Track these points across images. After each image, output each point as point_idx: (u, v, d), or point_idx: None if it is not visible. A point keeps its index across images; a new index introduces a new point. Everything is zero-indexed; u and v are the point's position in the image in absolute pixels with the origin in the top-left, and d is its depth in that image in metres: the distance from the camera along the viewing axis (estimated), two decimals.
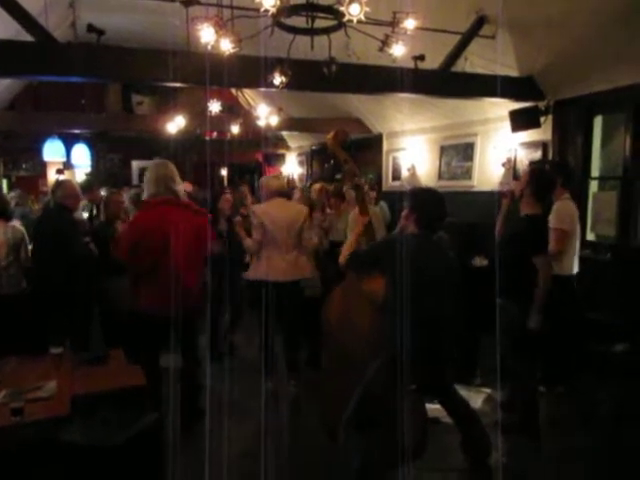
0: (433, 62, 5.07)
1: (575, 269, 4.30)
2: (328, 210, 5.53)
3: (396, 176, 8.26)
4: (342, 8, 2.93)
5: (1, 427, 2.51)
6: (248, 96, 10.51)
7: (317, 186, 5.73)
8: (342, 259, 2.97)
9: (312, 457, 3.37)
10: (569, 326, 4.31)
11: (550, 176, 3.89)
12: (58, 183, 4.66)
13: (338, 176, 8.21)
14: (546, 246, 3.64)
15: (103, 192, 5.83)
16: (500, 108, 5.88)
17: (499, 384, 3.56)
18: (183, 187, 3.79)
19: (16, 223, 4.50)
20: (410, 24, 3.32)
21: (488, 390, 4.28)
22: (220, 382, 3.95)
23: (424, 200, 2.93)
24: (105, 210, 4.71)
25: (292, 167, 11.88)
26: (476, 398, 4.12)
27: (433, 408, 3.38)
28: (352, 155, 3.52)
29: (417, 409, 2.79)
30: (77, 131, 8.82)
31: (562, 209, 4.17)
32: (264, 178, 4.73)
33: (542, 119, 5.50)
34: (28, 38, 4.03)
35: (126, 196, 5.13)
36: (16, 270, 4.31)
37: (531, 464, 3.34)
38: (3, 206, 4.41)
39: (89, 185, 6.06)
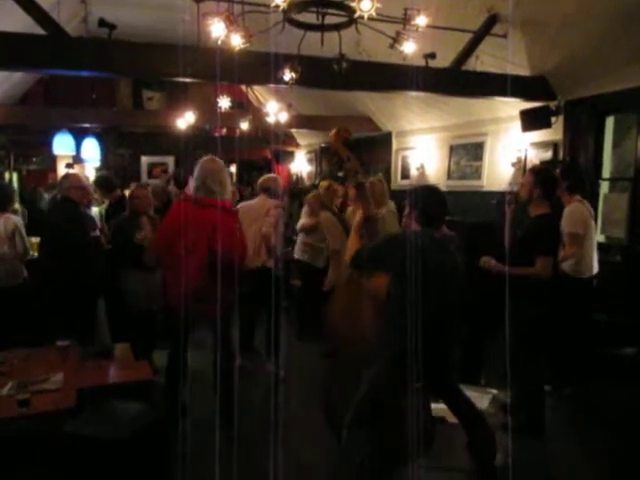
0: (444, 60, 5.04)
1: (592, 271, 4.30)
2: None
3: (405, 175, 8.24)
4: (353, 4, 2.91)
5: (8, 418, 2.53)
6: (258, 93, 10.51)
7: (324, 184, 5.72)
8: (347, 257, 2.97)
9: (315, 454, 3.37)
10: (579, 327, 4.29)
11: (553, 176, 3.89)
12: (64, 176, 4.67)
13: (340, 174, 8.19)
14: (555, 246, 3.62)
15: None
16: (511, 107, 5.84)
17: (508, 385, 3.54)
18: (231, 187, 3.78)
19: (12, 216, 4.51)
20: (421, 21, 3.30)
21: (494, 391, 4.26)
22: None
23: (424, 198, 2.89)
24: (130, 204, 4.58)
25: (301, 165, 11.86)
26: (482, 398, 4.09)
27: (439, 408, 3.37)
28: (360, 153, 3.51)
29: (422, 406, 2.77)
30: (87, 125, 8.85)
31: (574, 212, 4.15)
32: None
33: (553, 119, 5.46)
34: (41, 32, 4.04)
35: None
36: (12, 262, 4.32)
37: (537, 465, 3.32)
38: (2, 198, 4.44)
39: (111, 185, 5.62)
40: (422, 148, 7.82)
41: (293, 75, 3.86)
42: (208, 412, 3.45)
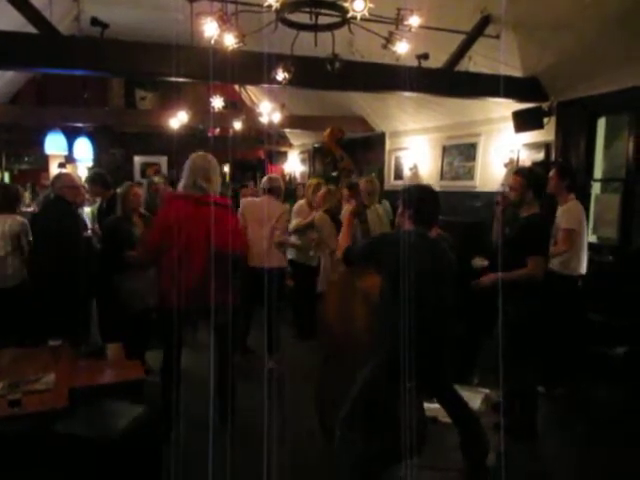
0: (437, 61, 5.06)
1: (582, 270, 4.32)
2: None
3: (398, 175, 8.25)
4: (346, 4, 2.91)
5: None
6: (251, 93, 10.50)
7: (313, 182, 5.72)
8: (339, 253, 2.97)
9: (308, 453, 3.37)
10: (571, 327, 4.31)
11: (544, 176, 3.92)
12: (57, 175, 4.65)
13: (334, 173, 8.20)
14: (546, 246, 3.63)
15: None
16: (503, 108, 5.87)
17: (500, 385, 3.55)
18: (217, 182, 3.70)
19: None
20: (414, 21, 3.31)
21: (486, 390, 4.27)
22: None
23: (418, 197, 2.89)
24: (122, 204, 4.45)
25: (294, 165, 11.86)
26: (474, 398, 4.11)
27: (432, 408, 3.38)
28: (353, 153, 3.52)
29: (415, 406, 2.78)
30: (79, 125, 8.82)
31: (572, 209, 4.19)
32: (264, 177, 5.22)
33: (545, 120, 5.49)
34: (33, 30, 4.02)
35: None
36: (14, 262, 4.29)
37: (529, 465, 3.34)
38: (6, 199, 4.42)
39: (106, 182, 5.42)
40: (415, 148, 7.84)
41: (286, 75, 3.86)
42: (203, 411, 3.45)
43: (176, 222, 3.34)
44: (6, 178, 9.24)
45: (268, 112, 7.33)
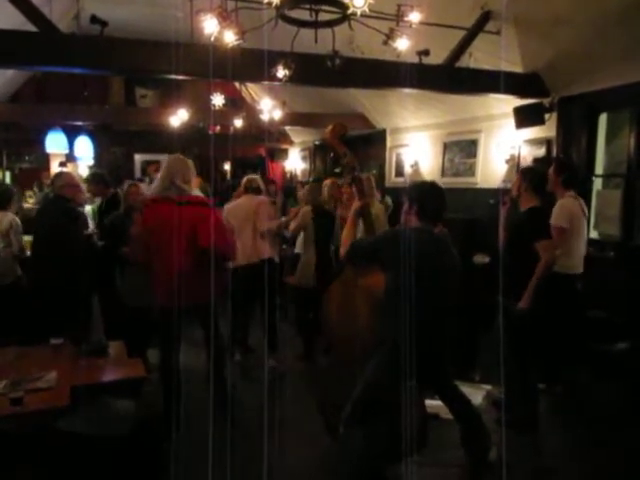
0: (437, 57, 5.04)
1: (580, 269, 4.26)
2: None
3: (399, 172, 8.24)
4: (346, 0, 2.90)
5: (0, 417, 2.51)
6: (251, 90, 10.49)
7: (328, 182, 5.71)
8: (342, 250, 2.95)
9: (311, 451, 3.37)
10: (570, 324, 4.30)
11: (541, 171, 3.91)
12: (57, 174, 4.67)
13: (337, 170, 8.19)
14: (548, 234, 3.62)
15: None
16: (504, 104, 5.85)
17: (502, 381, 3.55)
18: (195, 183, 3.76)
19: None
20: (415, 17, 3.30)
21: (488, 386, 4.28)
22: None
23: (425, 193, 2.89)
24: (124, 202, 4.61)
25: (295, 162, 11.84)
26: (476, 394, 4.11)
27: (434, 404, 3.38)
28: (354, 150, 3.50)
29: (416, 403, 2.78)
30: (80, 123, 8.81)
31: (562, 206, 4.15)
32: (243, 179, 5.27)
33: (546, 116, 5.47)
34: (32, 29, 4.02)
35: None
36: (6, 259, 4.30)
37: (530, 461, 3.34)
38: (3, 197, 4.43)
39: (105, 182, 5.50)
40: (416, 145, 7.82)
41: (286, 72, 3.85)
42: (203, 409, 3.45)
43: (158, 225, 3.42)
44: (7, 178, 9.23)
45: (269, 109, 7.32)
